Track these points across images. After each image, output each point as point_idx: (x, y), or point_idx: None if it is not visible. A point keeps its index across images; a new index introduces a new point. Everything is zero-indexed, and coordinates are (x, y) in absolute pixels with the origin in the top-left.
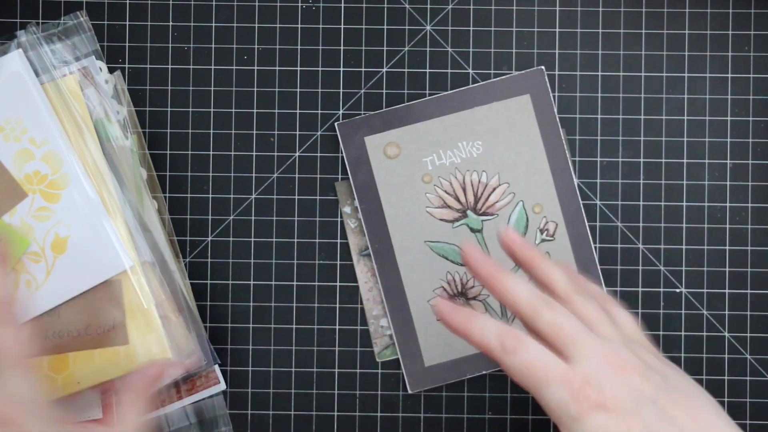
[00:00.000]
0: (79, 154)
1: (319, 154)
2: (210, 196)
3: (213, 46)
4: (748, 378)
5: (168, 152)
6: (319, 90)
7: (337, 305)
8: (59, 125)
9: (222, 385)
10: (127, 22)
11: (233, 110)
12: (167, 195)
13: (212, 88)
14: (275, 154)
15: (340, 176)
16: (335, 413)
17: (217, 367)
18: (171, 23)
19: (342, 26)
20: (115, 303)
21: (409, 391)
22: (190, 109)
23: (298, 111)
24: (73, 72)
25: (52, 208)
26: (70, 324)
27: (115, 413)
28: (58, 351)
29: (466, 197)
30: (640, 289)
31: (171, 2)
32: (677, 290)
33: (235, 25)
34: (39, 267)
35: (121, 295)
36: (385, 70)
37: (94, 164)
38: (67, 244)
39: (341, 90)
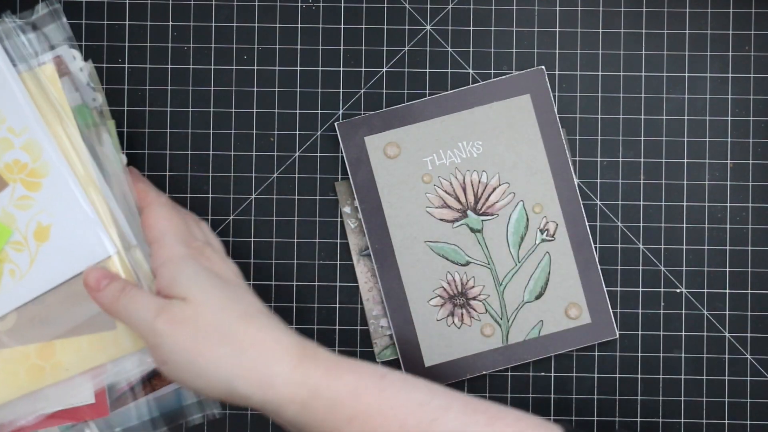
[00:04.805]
0: (59, 142)
1: (319, 154)
2: (210, 196)
3: (213, 45)
4: (748, 378)
5: (168, 152)
6: (319, 90)
7: (337, 305)
8: (38, 114)
9: None
10: (127, 22)
11: (233, 110)
12: (167, 195)
13: (212, 88)
14: (275, 154)
15: (340, 176)
16: None
17: None
18: (171, 23)
19: (342, 26)
20: None
21: None
22: (190, 109)
23: (298, 111)
24: (47, 61)
25: (34, 197)
26: (56, 312)
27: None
28: (44, 339)
29: (466, 197)
30: (640, 289)
31: (171, 2)
32: (677, 290)
33: (235, 24)
34: (22, 256)
35: None
36: (385, 70)
37: (74, 152)
38: (50, 232)
39: (341, 90)
